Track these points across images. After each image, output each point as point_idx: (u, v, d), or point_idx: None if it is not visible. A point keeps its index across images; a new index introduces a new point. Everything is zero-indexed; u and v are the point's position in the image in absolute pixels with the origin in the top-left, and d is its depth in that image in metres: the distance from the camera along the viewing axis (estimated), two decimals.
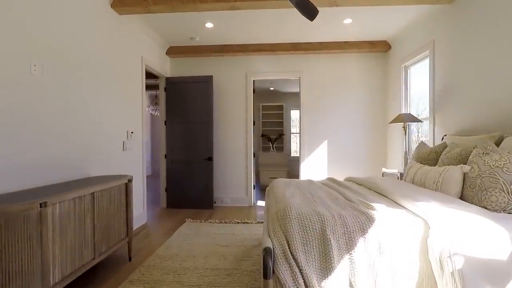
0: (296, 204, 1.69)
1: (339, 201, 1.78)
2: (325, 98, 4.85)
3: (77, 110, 2.61)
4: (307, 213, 1.53)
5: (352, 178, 2.83)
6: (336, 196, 1.93)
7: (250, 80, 4.92)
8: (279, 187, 2.40)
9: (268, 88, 8.59)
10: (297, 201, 1.80)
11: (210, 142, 4.64)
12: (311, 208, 1.64)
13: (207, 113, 4.64)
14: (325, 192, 2.10)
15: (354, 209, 1.61)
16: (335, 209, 1.60)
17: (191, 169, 4.71)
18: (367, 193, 2.07)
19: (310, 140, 4.87)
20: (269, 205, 2.01)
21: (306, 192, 2.13)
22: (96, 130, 2.90)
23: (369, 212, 1.54)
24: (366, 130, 4.82)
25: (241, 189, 4.96)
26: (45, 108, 2.24)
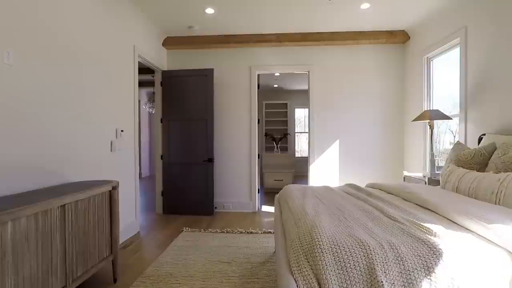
0: (325, 225, 1.27)
1: (382, 222, 1.35)
2: (337, 94, 4.42)
3: (55, 103, 2.19)
4: (345, 242, 1.11)
5: (377, 185, 2.40)
6: (373, 212, 1.50)
7: (255, 74, 4.49)
8: (294, 197, 1.98)
9: (272, 85, 8.16)
10: (324, 220, 1.37)
11: (211, 141, 4.21)
12: (348, 232, 1.21)
13: (207, 110, 4.21)
14: (356, 206, 1.67)
15: (406, 234, 1.18)
16: (381, 235, 1.18)
17: (189, 172, 4.28)
18: (407, 206, 1.64)
19: (320, 140, 4.44)
20: (286, 222, 1.58)
21: (331, 205, 1.71)
22: (79, 128, 2.48)
23: (430, 240, 1.11)
24: (381, 129, 4.39)
25: (245, 194, 4.54)
26: (15, 100, 1.81)
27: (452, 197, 1.72)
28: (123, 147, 3.22)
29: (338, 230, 1.23)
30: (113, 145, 3.01)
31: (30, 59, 1.99)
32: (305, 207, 1.64)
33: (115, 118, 3.08)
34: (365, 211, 1.52)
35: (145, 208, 4.79)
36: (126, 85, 3.32)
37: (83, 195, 1.86)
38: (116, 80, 3.09)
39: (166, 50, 4.55)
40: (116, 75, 3.10)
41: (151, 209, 4.67)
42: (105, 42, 2.89)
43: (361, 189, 2.23)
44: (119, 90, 3.16)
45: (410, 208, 1.62)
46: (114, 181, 2.28)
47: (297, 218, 1.48)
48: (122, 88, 3.23)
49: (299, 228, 1.32)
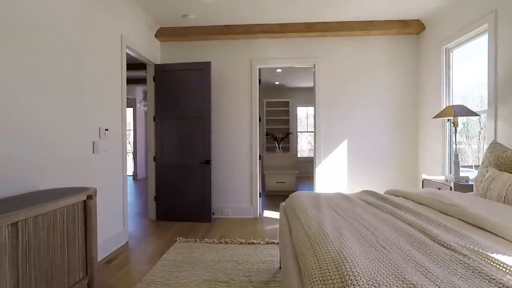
0: (357, 258, 0.91)
1: (433, 251, 0.99)
2: (345, 90, 4.06)
3: (23, 97, 1.83)
4: (391, 285, 0.75)
5: (400, 193, 2.05)
6: (414, 234, 1.14)
7: (256, 68, 4.13)
8: (306, 208, 1.62)
9: (273, 82, 7.81)
10: (353, 247, 1.01)
11: (208, 142, 3.85)
12: (393, 271, 0.85)
13: (204, 107, 3.85)
14: (387, 223, 1.31)
15: (478, 274, 0.82)
16: (442, 277, 0.81)
17: (185, 174, 3.93)
18: (451, 224, 1.29)
19: (327, 140, 4.09)
20: (298, 241, 1.22)
21: (354, 222, 1.35)
22: (53, 126, 2.12)
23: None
24: (394, 127, 4.03)
25: (245, 198, 4.18)
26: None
27: (506, 211, 1.37)
28: (109, 148, 2.87)
29: (377, 266, 0.87)
30: (96, 146, 2.65)
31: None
32: (323, 225, 1.28)
33: (99, 116, 2.72)
34: (403, 232, 1.16)
35: (138, 213, 4.43)
36: (112, 79, 2.97)
37: (45, 209, 1.50)
38: (99, 73, 2.74)
39: (159, 42, 4.19)
40: (99, 67, 2.74)
41: (144, 214, 4.31)
42: (86, 29, 2.53)
43: (384, 198, 1.87)
44: (103, 84, 2.80)
45: (456, 226, 1.27)
46: (91, 189, 1.93)
47: (315, 241, 1.12)
48: (107, 82, 2.87)
49: (318, 258, 0.97)
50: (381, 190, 3.95)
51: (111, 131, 2.90)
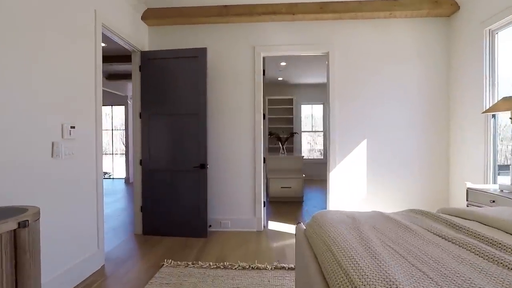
0: None
1: None
2: (364, 82, 3.47)
3: None
4: None
5: (471, 214, 1.46)
6: None
7: (259, 56, 3.54)
8: (340, 237, 1.05)
9: (276, 78, 7.23)
10: None
11: (203, 143, 3.26)
12: None
13: (199, 102, 3.26)
14: (485, 274, 0.72)
15: None
16: None
17: (176, 181, 3.33)
18: None
19: (342, 140, 3.50)
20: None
21: (425, 267, 0.77)
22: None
23: None
24: (422, 126, 3.44)
25: (247, 208, 3.58)
26: None
27: None
28: (76, 150, 2.27)
29: None
30: (57, 148, 2.05)
31: None
32: (382, 270, 0.69)
33: (62, 110, 2.13)
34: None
35: (123, 225, 3.83)
36: (82, 65, 2.38)
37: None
38: (64, 55, 2.14)
39: (147, 27, 3.59)
40: (64, 49, 2.14)
41: (131, 227, 3.70)
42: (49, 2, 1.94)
43: (455, 224, 1.28)
44: (68, 71, 2.20)
45: None
46: (30, 209, 1.34)
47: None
48: (74, 69, 2.28)
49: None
50: (407, 200, 3.37)
51: (79, 130, 2.30)
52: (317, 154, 8.43)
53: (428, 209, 3.38)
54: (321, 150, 8.45)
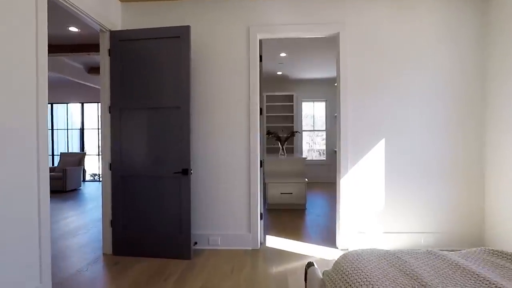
0: None
1: None
2: (381, 70, 2.88)
3: None
4: None
5: None
6: None
7: (255, 38, 2.93)
8: None
9: (275, 72, 6.63)
10: None
11: (186, 142, 2.65)
12: None
13: (181, 93, 2.65)
14: None
15: None
16: None
17: (154, 190, 2.72)
18: None
19: (355, 142, 2.89)
20: None
21: None
22: None
23: None
24: (452, 125, 2.84)
25: (240, 222, 2.98)
26: None
27: None
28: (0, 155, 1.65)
29: None
30: None
31: None
32: None
33: None
34: None
35: (92, 242, 3.21)
36: (17, 40, 1.76)
37: None
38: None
39: (120, 3, 2.97)
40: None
41: (94, 249, 3.08)
42: None
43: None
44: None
45: None
46: None
47: None
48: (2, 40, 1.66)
49: None
50: (433, 215, 2.77)
51: (7, 129, 1.68)
52: (316, 155, 7.83)
53: (461, 229, 2.79)
54: (320, 150, 7.86)
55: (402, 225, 2.86)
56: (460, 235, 2.81)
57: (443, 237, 2.82)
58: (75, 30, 4.01)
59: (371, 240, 2.86)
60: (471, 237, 2.80)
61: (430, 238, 2.83)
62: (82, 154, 6.96)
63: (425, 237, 2.83)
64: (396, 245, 2.84)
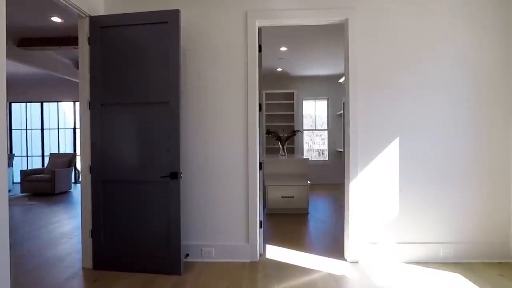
0: None
1: None
2: (396, 62, 2.57)
3: None
4: None
5: None
6: None
7: (253, 26, 2.62)
8: None
9: (275, 68, 6.33)
10: None
11: (176, 143, 2.34)
12: None
13: (170, 87, 2.34)
14: None
15: None
16: None
17: (139, 196, 2.41)
18: None
19: (366, 140, 2.59)
20: None
21: None
22: None
23: None
24: (476, 123, 2.54)
25: (237, 231, 2.66)
26: None
27: None
28: None
29: None
30: None
31: None
32: None
33: None
34: None
35: (70, 256, 2.90)
36: None
37: None
38: None
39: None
40: None
41: (73, 262, 2.76)
42: None
43: None
44: None
45: None
46: None
47: None
48: None
49: None
50: (455, 223, 2.47)
51: None
52: (315, 155, 7.53)
53: (485, 238, 2.47)
54: (320, 150, 7.56)
55: (419, 234, 2.55)
56: (485, 246, 2.50)
57: (465, 248, 2.51)
58: (58, 21, 3.69)
59: (384, 251, 2.56)
60: (497, 247, 2.50)
61: (450, 249, 2.52)
62: (72, 154, 6.64)
63: (444, 248, 2.52)
64: (411, 257, 2.53)
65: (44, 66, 5.01)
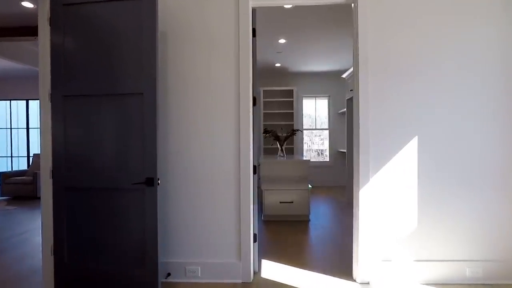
0: None
1: None
2: (414, 49, 2.18)
3: None
4: None
5: None
6: None
7: (246, 5, 2.23)
8: None
9: (273, 63, 5.95)
10: None
11: (151, 142, 1.94)
12: None
13: (145, 75, 1.94)
14: None
15: None
16: None
17: (109, 206, 2.02)
18: None
19: (378, 140, 2.20)
20: None
21: None
22: None
23: None
24: (508, 117, 2.16)
25: (227, 246, 2.27)
26: None
27: None
28: None
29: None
30: None
31: None
32: None
33: None
34: None
35: (32, 276, 2.50)
36: None
37: None
38: None
39: None
40: None
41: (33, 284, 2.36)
42: None
43: None
44: None
45: None
46: None
47: None
48: None
49: None
50: (488, 240, 2.08)
51: None
52: (314, 155, 7.15)
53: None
54: (319, 150, 7.18)
55: (440, 250, 2.17)
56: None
57: (496, 267, 2.12)
58: (30, 6, 3.29)
59: (399, 270, 2.17)
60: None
61: (478, 268, 2.13)
62: None
63: (471, 266, 2.13)
64: (431, 277, 2.14)
65: (22, 60, 4.61)
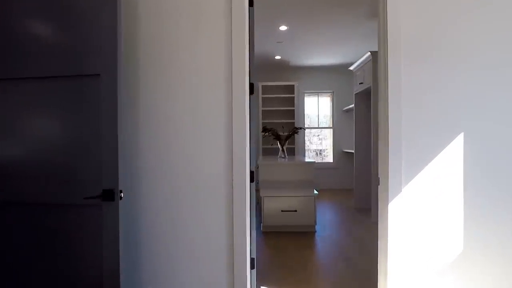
0: None
1: None
2: (459, 33, 1.67)
3: None
4: None
5: None
6: None
7: None
8: None
9: (272, 56, 5.44)
10: None
11: (111, 143, 1.42)
12: None
13: (102, 51, 1.42)
14: None
15: None
16: None
17: (51, 229, 1.49)
18: None
19: (411, 141, 1.69)
20: None
21: None
22: None
23: None
24: None
25: (216, 276, 1.75)
26: None
27: None
28: None
29: None
30: None
31: None
32: None
33: None
34: None
35: None
36: None
37: None
38: None
39: None
40: None
41: None
42: None
43: None
44: None
45: None
46: None
47: None
48: None
49: None
50: None
51: None
52: (312, 155, 6.67)
53: None
54: (317, 150, 6.69)
55: (495, 279, 1.66)
56: None
57: None
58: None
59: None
60: None
61: None
62: None
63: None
64: None
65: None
